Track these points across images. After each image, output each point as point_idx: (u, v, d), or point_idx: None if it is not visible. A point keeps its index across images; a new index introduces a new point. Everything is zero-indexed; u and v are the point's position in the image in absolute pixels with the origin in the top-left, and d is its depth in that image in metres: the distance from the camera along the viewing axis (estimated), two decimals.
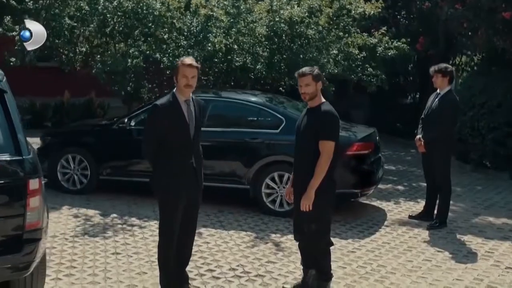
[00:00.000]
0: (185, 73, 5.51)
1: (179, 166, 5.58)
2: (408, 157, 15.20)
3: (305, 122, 5.65)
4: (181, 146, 5.58)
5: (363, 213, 9.35)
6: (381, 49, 12.05)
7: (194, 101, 5.73)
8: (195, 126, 5.66)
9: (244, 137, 9.02)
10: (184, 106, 5.59)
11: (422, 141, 8.62)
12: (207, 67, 10.98)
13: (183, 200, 5.63)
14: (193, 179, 5.70)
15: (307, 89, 5.59)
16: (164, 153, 5.57)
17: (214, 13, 10.52)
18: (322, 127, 5.50)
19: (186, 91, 5.57)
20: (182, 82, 5.52)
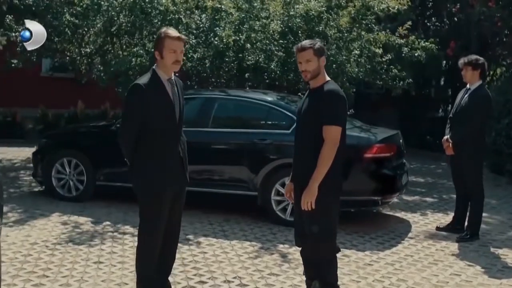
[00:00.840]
0: (173, 47, 4.78)
1: (165, 155, 4.82)
2: (439, 169, 14.22)
3: (306, 105, 4.82)
4: (166, 132, 4.84)
5: (384, 224, 8.45)
6: (407, 49, 11.11)
7: (175, 80, 4.96)
8: (179, 109, 4.87)
9: (252, 138, 8.23)
10: (168, 86, 4.84)
11: (450, 142, 7.69)
12: (216, 66, 10.18)
13: (170, 195, 4.87)
14: (180, 170, 4.89)
15: (308, 66, 4.75)
16: (146, 141, 4.82)
17: (223, 6, 9.73)
18: (326, 109, 4.65)
19: (174, 68, 4.86)
20: (170, 58, 4.78)
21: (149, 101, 4.71)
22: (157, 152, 4.78)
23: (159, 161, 4.78)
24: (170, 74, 4.86)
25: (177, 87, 4.94)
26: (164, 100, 4.79)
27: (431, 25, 16.58)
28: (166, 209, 4.86)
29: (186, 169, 5.01)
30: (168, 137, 4.82)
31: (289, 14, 9.80)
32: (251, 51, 9.98)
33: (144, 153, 4.80)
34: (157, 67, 4.87)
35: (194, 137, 8.32)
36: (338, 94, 4.71)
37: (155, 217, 4.83)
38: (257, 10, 10.08)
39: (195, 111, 8.68)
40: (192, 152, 8.24)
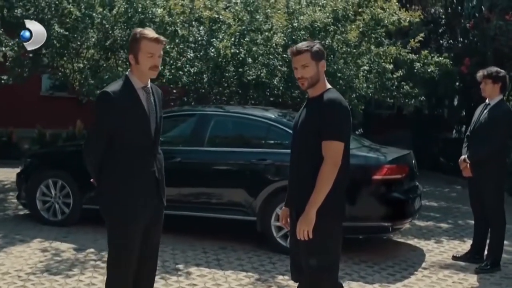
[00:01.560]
0: (150, 50, 4.16)
1: (137, 175, 4.15)
2: (453, 193, 13.47)
3: (304, 117, 4.15)
4: (139, 148, 4.20)
5: (395, 252, 7.74)
6: (420, 65, 10.43)
7: (152, 89, 4.31)
8: (156, 122, 4.22)
9: (251, 158, 7.59)
10: (142, 95, 4.20)
11: (467, 162, 6.99)
12: (215, 81, 9.56)
13: (142, 220, 4.22)
14: (155, 192, 4.23)
15: (305, 72, 4.11)
16: (115, 158, 4.19)
17: (221, 16, 9.11)
18: (326, 122, 3.99)
19: (151, 75, 4.26)
20: (147, 63, 4.16)
21: (118, 112, 4.09)
22: (127, 171, 4.15)
23: (130, 182, 4.14)
24: (145, 82, 4.23)
25: (154, 96, 4.30)
26: (137, 111, 4.16)
27: (443, 42, 15.92)
28: (138, 237, 4.20)
29: (163, 191, 4.37)
30: (141, 155, 4.18)
31: (293, 26, 9.16)
32: (252, 65, 9.35)
33: (112, 172, 4.17)
34: (131, 73, 4.25)
35: (189, 156, 7.84)
36: (339, 103, 4.05)
37: (125, 246, 4.17)
38: (259, 23, 9.46)
39: (189, 129, 8.16)
40: (186, 173, 7.90)
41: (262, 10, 9.76)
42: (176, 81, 9.36)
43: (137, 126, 4.15)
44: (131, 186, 4.15)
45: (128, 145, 4.13)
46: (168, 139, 8.63)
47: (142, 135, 4.17)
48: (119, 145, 4.13)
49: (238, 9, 9.45)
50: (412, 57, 10.36)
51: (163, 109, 4.54)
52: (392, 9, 9.85)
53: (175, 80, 9.34)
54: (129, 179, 4.15)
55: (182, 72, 9.23)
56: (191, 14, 9.49)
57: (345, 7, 9.42)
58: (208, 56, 8.94)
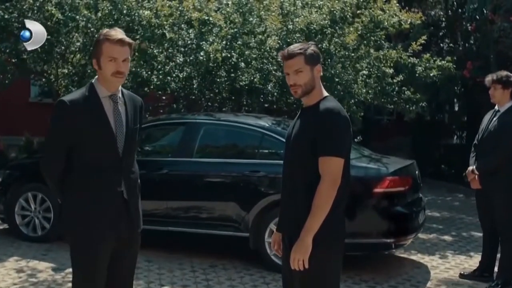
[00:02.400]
0: (112, 54, 3.64)
1: (100, 196, 3.64)
2: (455, 202, 12.97)
3: (297, 129, 3.64)
4: (104, 166, 3.67)
5: (398, 270, 7.25)
6: (421, 69, 9.92)
7: (125, 98, 3.78)
8: (126, 135, 3.72)
9: (243, 170, 7.09)
10: (108, 105, 3.69)
11: (476, 174, 6.49)
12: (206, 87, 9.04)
13: (109, 246, 3.72)
14: (124, 216, 3.71)
15: (299, 78, 3.61)
16: (76, 176, 3.69)
17: (211, 18, 8.59)
18: (323, 135, 3.48)
19: (115, 82, 3.72)
20: (109, 68, 3.67)
21: (76, 124, 3.58)
22: (90, 192, 3.63)
23: (93, 203, 3.63)
24: (113, 89, 3.72)
25: (126, 106, 3.77)
26: (99, 123, 3.64)
27: (444, 45, 15.44)
28: (103, 264, 3.69)
29: (136, 214, 3.83)
30: (105, 173, 3.66)
31: (288, 28, 8.64)
32: (245, 70, 8.83)
33: (74, 192, 3.67)
34: (96, 80, 3.73)
35: (176, 168, 7.35)
36: (338, 113, 3.54)
37: (87, 275, 3.65)
38: (252, 25, 8.94)
39: (177, 138, 7.65)
40: (173, 186, 7.36)
41: (256, 12, 9.25)
42: (164, 87, 8.84)
43: (99, 141, 3.65)
44: (94, 208, 3.65)
45: (89, 163, 3.63)
46: (154, 150, 8.20)
47: (105, 151, 3.66)
48: (79, 162, 3.63)
49: (230, 10, 8.93)
50: (414, 61, 9.85)
51: (153, 116, 4.01)
52: (392, 11, 9.34)
53: (163, 86, 8.82)
54: (91, 200, 3.65)
55: (170, 78, 8.71)
56: (181, 16, 8.97)
57: (343, 8, 8.91)
58: (197, 60, 8.41)
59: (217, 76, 8.94)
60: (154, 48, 8.91)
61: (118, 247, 3.75)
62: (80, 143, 3.62)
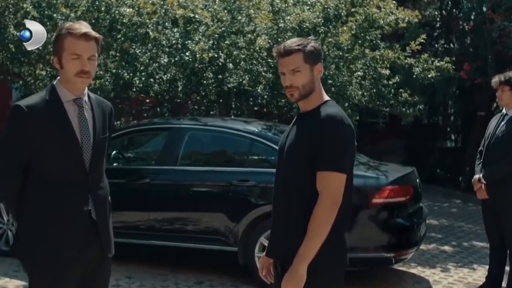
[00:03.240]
0: (75, 50, 3.14)
1: (65, 217, 3.13)
2: (453, 208, 12.50)
3: (293, 138, 3.14)
4: (67, 182, 3.15)
5: (398, 285, 6.81)
6: (419, 70, 9.43)
7: (92, 102, 3.26)
8: (94, 145, 3.19)
9: (231, 179, 6.58)
10: (72, 111, 3.18)
11: (482, 183, 6.02)
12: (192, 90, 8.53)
13: (74, 276, 3.21)
14: (92, 239, 3.19)
15: (296, 79, 3.12)
16: (35, 194, 3.18)
17: (197, 15, 8.06)
18: (323, 146, 2.98)
19: (79, 83, 3.22)
20: (72, 67, 3.17)
21: (36, 132, 3.06)
22: (51, 211, 3.13)
23: (54, 225, 3.13)
24: (77, 92, 3.21)
25: (93, 112, 3.25)
26: (62, 131, 3.12)
27: (439, 46, 14.99)
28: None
29: (106, 238, 3.31)
30: (68, 191, 3.15)
31: (278, 27, 8.13)
32: (233, 71, 8.32)
33: (32, 211, 3.16)
34: (58, 82, 3.21)
35: (159, 177, 6.83)
36: (341, 121, 3.04)
37: None
38: (241, 24, 8.43)
39: (160, 145, 7.15)
40: (156, 196, 6.72)
41: (245, 10, 8.73)
42: (147, 90, 8.32)
43: (61, 153, 3.14)
44: (56, 230, 3.14)
45: (50, 178, 3.12)
46: (136, 157, 7.70)
47: (69, 164, 3.15)
48: (38, 178, 3.12)
49: (217, 8, 8.40)
50: (411, 62, 9.35)
51: (137, 121, 3.49)
52: (389, 8, 8.85)
53: (146, 89, 8.29)
54: (53, 221, 3.14)
55: (153, 80, 8.18)
56: (165, 14, 8.44)
57: (338, 5, 8.40)
58: (182, 60, 7.88)
59: (204, 77, 8.43)
60: (137, 48, 8.38)
61: (85, 275, 3.24)
62: (39, 155, 3.13)
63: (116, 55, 8.81)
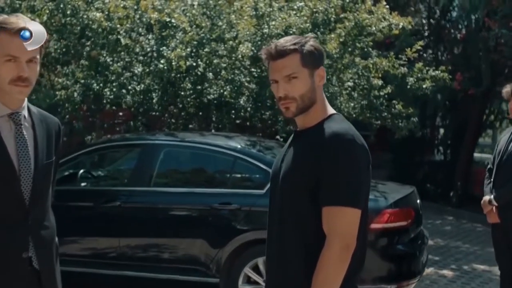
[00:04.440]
0: (10, 51, 2.50)
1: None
2: (446, 226, 11.89)
3: (290, 163, 2.46)
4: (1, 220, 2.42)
5: None
6: (413, 80, 8.80)
7: (34, 118, 2.57)
8: (35, 173, 2.52)
9: (212, 202, 5.88)
10: (7, 129, 2.53)
11: (494, 204, 5.39)
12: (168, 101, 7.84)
13: None
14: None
15: (292, 88, 2.48)
16: None
17: (173, 20, 7.37)
18: (330, 173, 2.32)
19: (16, 93, 2.56)
20: (6, 72, 2.53)
21: None
22: None
23: None
24: (14, 105, 2.55)
25: (35, 131, 2.56)
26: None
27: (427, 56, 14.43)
28: None
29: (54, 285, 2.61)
30: (3, 232, 2.44)
31: (263, 33, 7.47)
32: (214, 81, 7.66)
33: None
34: None
35: (131, 199, 6.10)
36: (352, 141, 2.39)
37: None
38: (221, 30, 7.77)
39: (132, 164, 6.46)
40: (127, 221, 5.92)
41: (226, 16, 8.07)
42: (119, 102, 7.61)
43: None
44: None
45: None
46: (105, 177, 6.99)
47: (3, 197, 2.44)
48: None
49: (196, 13, 7.71)
50: (404, 71, 8.72)
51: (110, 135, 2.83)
52: (381, 13, 8.21)
53: (117, 101, 7.58)
54: None
55: (125, 91, 7.47)
56: (139, 20, 7.75)
57: (327, 9, 7.74)
58: (157, 69, 7.18)
59: (181, 88, 7.73)
60: (107, 56, 7.67)
61: None
62: None
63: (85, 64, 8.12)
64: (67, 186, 6.44)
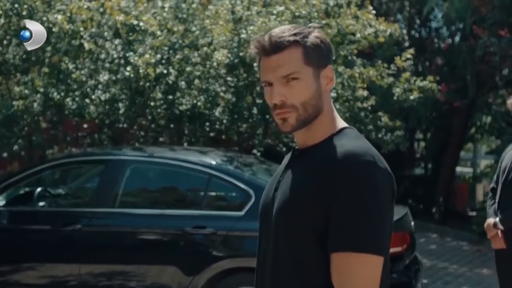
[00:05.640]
0: None
1: None
2: (431, 245, 11.39)
3: (287, 193, 1.84)
4: None
5: None
6: (399, 90, 8.28)
7: None
8: None
9: (184, 226, 5.30)
10: None
11: (499, 228, 4.86)
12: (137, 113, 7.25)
13: None
14: None
15: (291, 93, 1.92)
16: None
17: (141, 23, 6.77)
18: (343, 208, 1.69)
19: None
20: None
21: None
22: None
23: None
24: None
25: None
26: None
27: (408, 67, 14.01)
28: None
29: None
30: None
31: (240, 38, 6.91)
32: (186, 91, 7.10)
33: None
34: None
35: (93, 222, 5.51)
36: (372, 164, 1.85)
37: None
38: (195, 36, 7.21)
39: (95, 183, 5.89)
40: (89, 246, 5.32)
41: (200, 22, 7.51)
42: (81, 113, 6.99)
43: None
44: None
45: None
46: (64, 197, 6.35)
47: None
48: None
49: (167, 16, 7.13)
50: (390, 81, 8.19)
51: None
52: (366, 19, 7.70)
53: (80, 112, 6.96)
54: None
55: (89, 101, 6.86)
56: (105, 23, 7.14)
57: (310, 13, 7.19)
58: (124, 77, 6.58)
59: (151, 98, 7.17)
60: (70, 62, 7.05)
61: None
62: None
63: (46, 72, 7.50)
64: (23, 207, 5.91)
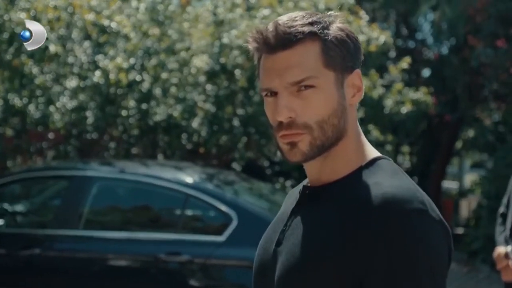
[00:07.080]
0: None
1: None
2: None
3: (299, 251, 1.30)
4: None
5: None
6: (391, 102, 7.88)
7: None
8: None
9: (156, 252, 4.82)
10: None
11: (511, 258, 4.45)
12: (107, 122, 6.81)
13: None
14: None
15: (303, 105, 1.36)
16: None
17: (113, 24, 6.34)
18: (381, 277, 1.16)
19: None
20: None
21: None
22: None
23: None
24: None
25: None
26: None
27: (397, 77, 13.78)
28: None
29: None
30: None
31: (222, 43, 6.51)
32: (162, 100, 6.69)
33: None
34: None
35: (54, 246, 5.04)
36: (426, 218, 1.30)
37: None
38: (172, 40, 6.81)
39: (57, 201, 5.48)
40: (49, 273, 5.14)
41: (177, 24, 7.12)
42: (45, 122, 6.56)
43: None
44: None
45: None
46: (21, 217, 5.84)
47: None
48: None
49: (142, 18, 6.71)
50: (382, 93, 7.81)
51: None
52: (357, 25, 7.30)
53: (43, 120, 6.51)
54: None
55: (54, 108, 6.41)
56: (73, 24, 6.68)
57: None
58: (92, 82, 6.14)
59: (122, 107, 6.75)
60: (33, 66, 6.58)
61: None
62: None
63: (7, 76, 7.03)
64: None
